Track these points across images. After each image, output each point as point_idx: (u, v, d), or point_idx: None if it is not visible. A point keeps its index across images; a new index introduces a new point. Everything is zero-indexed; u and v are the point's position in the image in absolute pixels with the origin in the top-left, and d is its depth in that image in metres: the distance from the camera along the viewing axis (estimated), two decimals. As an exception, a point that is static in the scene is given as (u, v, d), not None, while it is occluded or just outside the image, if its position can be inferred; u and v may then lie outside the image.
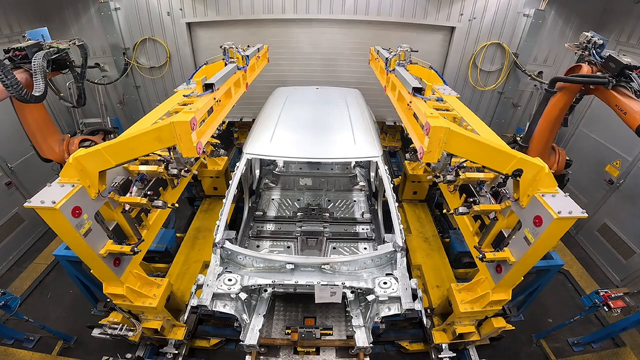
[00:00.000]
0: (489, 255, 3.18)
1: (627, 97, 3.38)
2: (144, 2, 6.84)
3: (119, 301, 3.44)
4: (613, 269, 6.02)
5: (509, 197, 3.01)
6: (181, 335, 4.02)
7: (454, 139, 2.55)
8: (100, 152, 2.57)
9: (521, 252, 2.90)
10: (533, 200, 2.71)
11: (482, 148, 2.63)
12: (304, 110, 5.10)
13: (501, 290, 3.33)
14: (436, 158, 2.65)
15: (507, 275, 3.11)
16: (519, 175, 2.66)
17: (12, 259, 6.06)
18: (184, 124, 2.47)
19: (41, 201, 2.44)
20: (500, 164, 2.68)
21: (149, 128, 2.60)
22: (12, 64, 3.73)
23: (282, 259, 3.54)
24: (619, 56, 3.53)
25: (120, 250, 3.02)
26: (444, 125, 2.49)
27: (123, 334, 3.62)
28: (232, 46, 4.34)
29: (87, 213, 2.70)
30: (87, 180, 2.67)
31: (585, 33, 3.95)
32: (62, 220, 2.53)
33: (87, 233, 2.73)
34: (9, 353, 4.57)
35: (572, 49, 4.11)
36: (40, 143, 4.42)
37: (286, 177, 6.18)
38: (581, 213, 2.49)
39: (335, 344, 3.87)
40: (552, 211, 2.48)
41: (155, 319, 3.76)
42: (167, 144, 2.62)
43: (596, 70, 3.75)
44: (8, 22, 6.02)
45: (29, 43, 3.88)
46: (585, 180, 6.56)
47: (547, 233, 2.59)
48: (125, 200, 3.13)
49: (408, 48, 4.41)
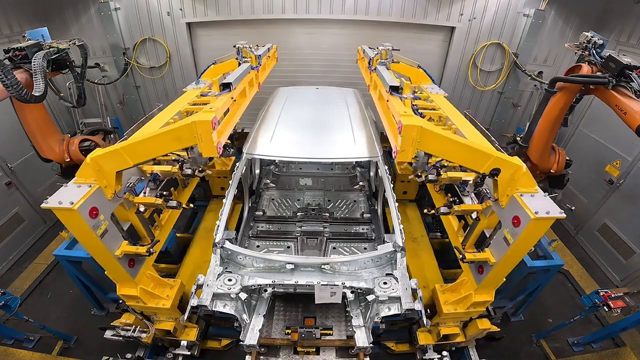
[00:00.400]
0: (469, 256, 3.17)
1: (627, 97, 3.38)
2: (144, 2, 6.84)
3: (132, 302, 3.41)
4: (613, 269, 6.02)
5: (489, 197, 2.99)
6: (193, 336, 3.97)
7: (427, 137, 2.51)
8: (119, 152, 2.53)
9: (501, 253, 2.87)
10: (512, 200, 2.69)
11: (457, 147, 2.59)
12: (304, 110, 5.10)
13: (484, 291, 3.30)
14: (410, 157, 2.61)
15: (488, 276, 3.09)
16: (497, 175, 2.63)
17: (12, 259, 6.06)
18: (205, 124, 2.42)
19: (59, 202, 2.40)
20: (476, 163, 2.63)
21: (168, 128, 2.55)
22: (12, 64, 3.73)
23: (282, 259, 3.53)
24: (619, 56, 3.52)
25: (136, 251, 2.99)
26: (416, 124, 2.44)
27: (136, 335, 3.58)
28: (246, 45, 4.31)
29: (103, 214, 2.67)
30: (104, 181, 2.64)
31: (585, 33, 3.95)
32: (79, 221, 2.49)
33: (104, 234, 2.70)
34: (9, 353, 4.57)
35: (572, 49, 4.11)
36: (40, 143, 4.42)
37: (286, 177, 6.18)
38: (559, 214, 2.47)
39: (335, 344, 3.86)
40: (530, 211, 2.45)
41: (167, 320, 3.72)
42: (187, 144, 2.58)
43: (596, 70, 3.75)
44: (8, 22, 6.02)
45: (29, 43, 3.88)
46: (585, 180, 6.56)
47: (525, 233, 2.56)
48: (141, 200, 3.10)
49: (390, 46, 4.39)
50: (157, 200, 3.14)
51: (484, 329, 3.60)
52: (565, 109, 4.09)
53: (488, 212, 3.08)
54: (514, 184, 2.65)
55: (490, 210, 3.03)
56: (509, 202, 2.73)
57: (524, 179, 2.62)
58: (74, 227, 2.58)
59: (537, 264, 4.06)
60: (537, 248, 4.27)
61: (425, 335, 3.99)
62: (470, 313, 3.55)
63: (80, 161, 4.61)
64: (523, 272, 4.11)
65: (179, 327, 3.88)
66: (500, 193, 2.78)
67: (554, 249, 4.16)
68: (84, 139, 4.78)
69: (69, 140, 4.65)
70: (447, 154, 2.68)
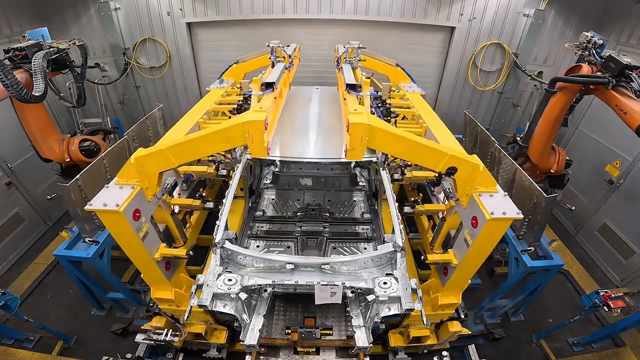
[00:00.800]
0: (430, 257, 3.14)
1: (627, 97, 3.38)
2: (144, 2, 6.84)
3: (165, 306, 3.36)
4: (613, 269, 6.02)
5: (452, 197, 2.96)
6: (223, 339, 3.92)
7: (376, 135, 2.44)
8: (164, 152, 2.49)
9: (462, 254, 2.82)
10: (471, 200, 2.64)
11: (409, 145, 2.53)
12: (304, 110, 5.10)
13: (450, 293, 3.26)
14: (360, 155, 2.54)
15: (452, 278, 3.05)
16: (453, 173, 2.58)
17: (12, 259, 6.06)
18: (258, 124, 2.35)
19: (104, 204, 2.33)
20: (431, 161, 2.58)
21: (217, 127, 2.48)
22: (12, 64, 3.73)
23: (282, 259, 3.52)
24: (619, 56, 3.52)
25: (175, 253, 2.93)
26: (364, 122, 2.37)
27: (169, 339, 3.50)
28: (279, 45, 4.25)
29: (144, 216, 2.61)
30: (146, 182, 2.58)
31: (585, 33, 3.94)
32: (123, 223, 2.42)
33: (145, 236, 2.63)
34: (9, 353, 4.57)
35: (572, 49, 4.11)
36: (40, 143, 4.42)
37: (286, 177, 6.18)
38: (516, 214, 2.43)
39: (335, 344, 3.86)
40: (486, 211, 2.41)
41: (199, 322, 3.68)
42: (237, 144, 2.52)
43: (596, 70, 3.75)
44: (8, 22, 6.02)
45: (29, 43, 3.88)
46: (585, 180, 6.56)
47: (483, 234, 2.51)
48: (178, 202, 3.05)
49: (357, 44, 4.36)
50: (194, 202, 3.09)
51: (455, 332, 3.56)
52: (566, 109, 4.09)
53: (452, 212, 3.04)
54: (473, 183, 2.60)
55: (454, 211, 2.99)
56: (469, 202, 2.68)
57: (482, 178, 2.58)
58: (117, 230, 2.51)
59: (537, 264, 4.05)
60: (537, 248, 4.26)
61: (396, 337, 3.96)
62: (440, 315, 3.50)
63: (80, 161, 4.61)
64: (523, 272, 4.11)
65: (209, 330, 3.84)
66: (459, 192, 2.74)
67: (554, 249, 4.15)
68: (84, 139, 4.79)
69: (69, 140, 4.65)
70: (399, 152, 2.62)
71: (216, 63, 7.03)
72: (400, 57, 7.29)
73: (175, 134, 3.28)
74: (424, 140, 2.58)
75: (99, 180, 4.06)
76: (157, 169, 2.58)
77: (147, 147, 5.29)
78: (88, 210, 2.38)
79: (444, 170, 2.57)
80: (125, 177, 2.54)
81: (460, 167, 2.54)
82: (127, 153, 4.71)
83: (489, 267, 6.01)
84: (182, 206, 3.10)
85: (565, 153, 4.71)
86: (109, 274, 4.25)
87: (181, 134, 3.20)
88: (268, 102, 2.74)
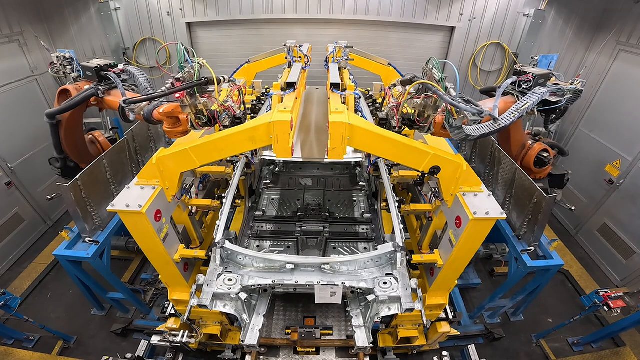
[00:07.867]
0: (415, 258, 3.12)
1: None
2: (144, 2, 6.84)
3: (182, 307, 3.32)
4: (613, 269, 6.02)
5: (438, 197, 2.95)
6: (237, 340, 3.90)
7: (357, 134, 2.40)
8: (187, 152, 2.45)
9: (447, 255, 2.80)
10: (456, 199, 2.62)
11: (391, 144, 2.48)
12: (304, 110, 5.09)
13: (437, 294, 3.23)
14: (341, 155, 2.49)
15: (438, 278, 3.02)
16: (436, 173, 2.56)
17: (12, 259, 6.07)
18: (284, 124, 2.28)
19: (126, 205, 2.31)
20: (414, 161, 2.55)
21: (242, 127, 2.43)
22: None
23: (282, 259, 3.53)
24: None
25: (194, 255, 2.89)
26: (343, 121, 2.33)
27: (185, 341, 3.50)
28: (296, 45, 4.17)
29: (165, 217, 2.58)
30: (167, 182, 2.55)
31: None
32: (146, 224, 2.39)
33: (165, 237, 2.60)
34: (9, 353, 4.57)
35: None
36: (83, 156, 4.22)
37: (286, 177, 6.18)
38: (500, 214, 2.41)
39: (335, 344, 3.86)
40: (469, 211, 2.40)
41: (214, 324, 3.66)
42: (261, 145, 2.45)
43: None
44: (8, 22, 6.02)
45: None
46: (585, 180, 6.56)
47: (466, 235, 2.49)
48: (198, 202, 3.01)
49: (344, 44, 4.32)
50: (213, 202, 3.05)
51: (444, 332, 3.56)
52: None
53: (438, 212, 3.03)
54: (457, 183, 2.58)
55: (440, 211, 2.98)
56: (454, 201, 2.65)
57: (467, 177, 2.56)
58: (139, 231, 2.48)
59: (537, 264, 4.05)
60: (537, 248, 4.26)
61: (385, 338, 3.95)
62: (428, 316, 3.48)
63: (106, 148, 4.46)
64: (523, 272, 4.11)
65: (224, 331, 3.84)
66: (444, 192, 2.72)
67: (554, 249, 4.15)
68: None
69: (91, 137, 4.56)
70: (382, 151, 2.58)
71: (216, 63, 7.04)
72: (400, 57, 7.30)
73: (193, 134, 3.26)
74: (407, 140, 2.53)
75: (99, 180, 4.07)
76: (179, 170, 2.55)
77: (147, 147, 5.34)
78: (110, 211, 2.35)
79: (427, 169, 2.56)
80: (147, 177, 2.51)
81: (443, 166, 2.53)
82: (127, 153, 4.72)
83: (489, 267, 6.01)
84: (200, 207, 3.06)
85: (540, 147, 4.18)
86: (109, 274, 4.25)
87: (197, 134, 3.17)
88: (291, 102, 2.69)
